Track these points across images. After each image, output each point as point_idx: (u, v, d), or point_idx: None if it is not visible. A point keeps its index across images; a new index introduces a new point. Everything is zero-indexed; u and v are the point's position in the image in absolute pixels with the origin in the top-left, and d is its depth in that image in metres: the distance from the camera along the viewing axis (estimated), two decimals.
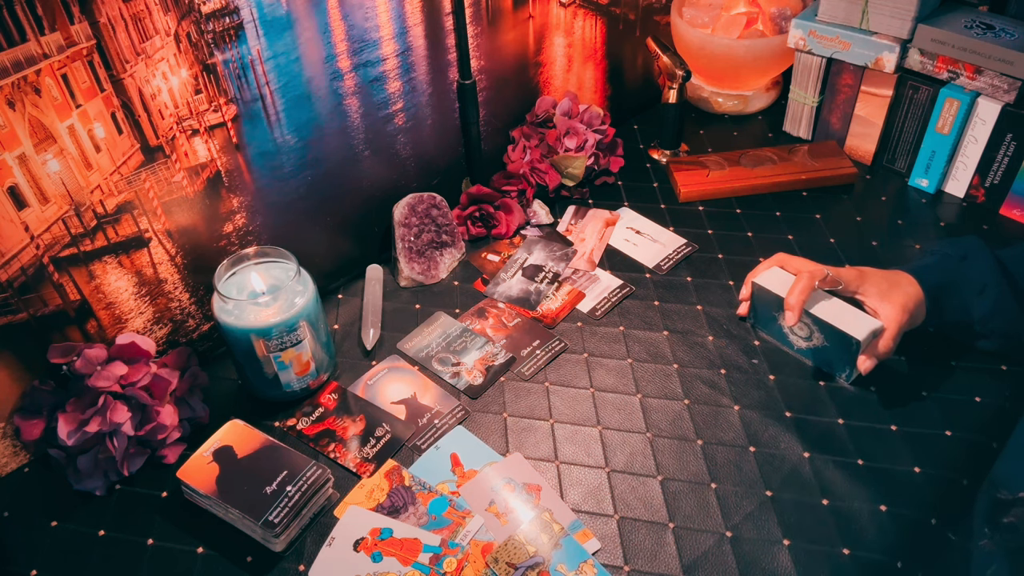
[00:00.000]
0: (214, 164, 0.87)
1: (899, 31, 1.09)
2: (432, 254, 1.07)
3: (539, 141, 1.16)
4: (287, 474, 0.78)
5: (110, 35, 0.75)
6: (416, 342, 0.98)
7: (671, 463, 0.83)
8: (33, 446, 0.86)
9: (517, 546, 0.76)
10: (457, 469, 0.83)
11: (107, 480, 0.83)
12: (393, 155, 1.05)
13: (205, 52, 0.82)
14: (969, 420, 0.85)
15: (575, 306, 1.02)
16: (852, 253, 1.06)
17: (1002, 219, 1.10)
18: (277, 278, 0.87)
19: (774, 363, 0.93)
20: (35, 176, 0.76)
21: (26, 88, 0.72)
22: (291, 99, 0.90)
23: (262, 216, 0.94)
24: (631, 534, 0.77)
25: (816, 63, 1.19)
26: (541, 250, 1.09)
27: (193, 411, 0.88)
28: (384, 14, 0.94)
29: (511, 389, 0.92)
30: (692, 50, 1.25)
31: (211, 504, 0.79)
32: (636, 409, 0.89)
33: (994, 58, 1.02)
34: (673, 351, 0.95)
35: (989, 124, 1.06)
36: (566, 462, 0.84)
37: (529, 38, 1.12)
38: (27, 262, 0.79)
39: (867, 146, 1.21)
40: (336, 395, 0.92)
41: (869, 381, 0.89)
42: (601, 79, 1.27)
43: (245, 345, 0.84)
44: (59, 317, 0.83)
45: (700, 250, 1.09)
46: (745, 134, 1.30)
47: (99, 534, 0.80)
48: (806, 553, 0.75)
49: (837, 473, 0.81)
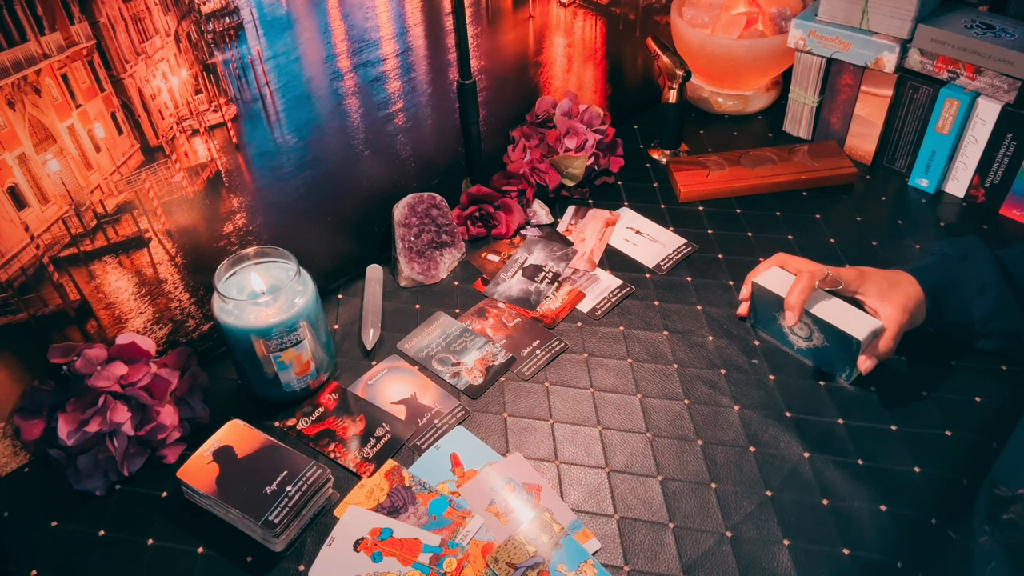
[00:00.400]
0: (214, 164, 0.87)
1: (899, 31, 1.09)
2: (432, 254, 1.07)
3: (539, 141, 1.16)
4: (287, 474, 0.78)
5: (110, 35, 0.75)
6: (416, 342, 0.98)
7: (671, 463, 0.83)
8: (33, 446, 0.86)
9: (517, 546, 0.76)
10: (457, 469, 0.83)
11: (107, 480, 0.83)
12: (393, 155, 1.05)
13: (205, 52, 0.82)
14: (969, 420, 0.85)
15: (575, 306, 1.02)
16: (852, 253, 1.06)
17: (1002, 219, 1.10)
18: (277, 278, 0.87)
19: (774, 363, 0.93)
20: (35, 176, 0.76)
21: (26, 88, 0.72)
22: (291, 99, 0.90)
23: (262, 216, 0.94)
24: (631, 534, 0.77)
25: (816, 63, 1.19)
26: (541, 250, 1.09)
27: (193, 411, 0.88)
28: (384, 14, 0.94)
29: (511, 389, 0.92)
30: (692, 50, 1.25)
31: (211, 504, 0.79)
32: (636, 409, 0.89)
33: (994, 58, 1.02)
34: (673, 351, 0.95)
35: (989, 124, 1.06)
36: (566, 462, 0.84)
37: (529, 38, 1.12)
38: (27, 262, 0.79)
39: (867, 146, 1.21)
40: (336, 395, 0.92)
41: (869, 381, 0.89)
42: (601, 79, 1.27)
43: (245, 345, 0.84)
44: (59, 317, 0.83)
45: (700, 250, 1.09)
46: (745, 134, 1.30)
47: (99, 534, 0.80)
48: (806, 553, 0.75)
49: (837, 473, 0.81)
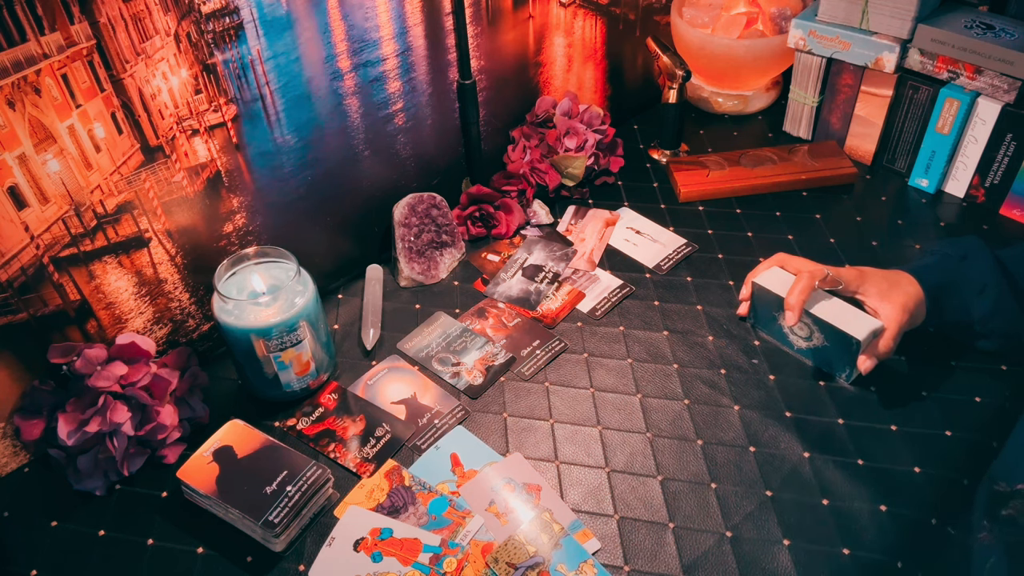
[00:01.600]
0: (214, 164, 0.87)
1: (899, 31, 1.09)
2: (432, 254, 1.07)
3: (539, 141, 1.16)
4: (287, 474, 0.78)
5: (110, 35, 0.75)
6: (416, 342, 0.98)
7: (671, 463, 0.83)
8: (33, 446, 0.86)
9: (517, 546, 0.76)
10: (457, 469, 0.83)
11: (107, 480, 0.83)
12: (393, 155, 1.05)
13: (205, 52, 0.82)
14: (969, 420, 0.85)
15: (575, 306, 1.02)
16: (852, 253, 1.06)
17: (1002, 219, 1.10)
18: (277, 278, 0.87)
19: (774, 363, 0.93)
20: (35, 176, 0.76)
21: (26, 88, 0.72)
22: (291, 99, 0.90)
23: (262, 216, 0.94)
24: (631, 534, 0.77)
25: (816, 63, 1.19)
26: (541, 250, 1.09)
27: (193, 411, 0.88)
28: (384, 14, 0.94)
29: (511, 389, 0.92)
30: (692, 50, 1.25)
31: (211, 504, 0.79)
32: (636, 409, 0.89)
33: (994, 58, 1.02)
34: (673, 351, 0.95)
35: (989, 124, 1.06)
36: (566, 462, 0.84)
37: (529, 38, 1.12)
38: (27, 262, 0.79)
39: (867, 146, 1.21)
40: (336, 395, 0.92)
41: (869, 381, 0.89)
42: (601, 79, 1.27)
43: (245, 345, 0.84)
44: (59, 317, 0.83)
45: (700, 250, 1.09)
46: (745, 134, 1.30)
47: (99, 534, 0.80)
48: (806, 553, 0.75)
49: (837, 473, 0.81)
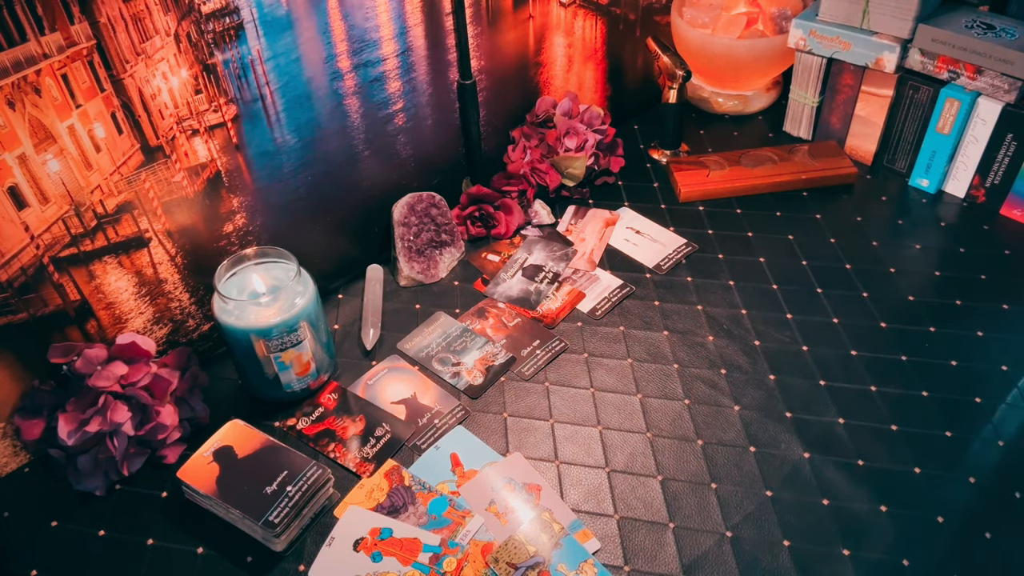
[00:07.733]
0: (214, 164, 0.87)
1: (899, 31, 1.09)
2: (431, 253, 1.07)
3: (539, 141, 1.16)
4: (287, 474, 0.78)
5: (110, 35, 0.75)
6: (416, 342, 0.98)
7: (671, 463, 0.83)
8: (33, 446, 0.86)
9: (517, 546, 0.76)
10: (457, 469, 0.83)
11: (107, 480, 0.83)
12: (393, 155, 1.05)
13: (205, 52, 0.82)
14: (969, 420, 0.85)
15: (575, 306, 1.02)
16: (852, 253, 1.06)
17: (1002, 219, 1.10)
18: (277, 278, 0.87)
19: (774, 363, 0.93)
20: (35, 176, 0.76)
21: (26, 88, 0.72)
22: (291, 99, 0.90)
23: (262, 216, 0.94)
24: (631, 534, 0.77)
25: (816, 63, 1.19)
26: (541, 250, 1.09)
27: (193, 411, 0.88)
28: (384, 14, 0.94)
29: (511, 389, 0.92)
30: (692, 50, 1.25)
31: (211, 504, 0.79)
32: (636, 409, 0.89)
33: (994, 58, 1.02)
34: (673, 351, 0.95)
35: (989, 124, 1.06)
36: (566, 462, 0.84)
37: (529, 38, 1.12)
38: (27, 262, 0.79)
39: (867, 146, 1.21)
40: (336, 395, 0.92)
41: (869, 381, 0.89)
42: (601, 79, 1.27)
43: (245, 345, 0.84)
44: (59, 317, 0.83)
45: (700, 250, 1.09)
46: (745, 134, 1.30)
47: (99, 534, 0.80)
48: (806, 553, 0.75)
49: (837, 473, 0.81)
